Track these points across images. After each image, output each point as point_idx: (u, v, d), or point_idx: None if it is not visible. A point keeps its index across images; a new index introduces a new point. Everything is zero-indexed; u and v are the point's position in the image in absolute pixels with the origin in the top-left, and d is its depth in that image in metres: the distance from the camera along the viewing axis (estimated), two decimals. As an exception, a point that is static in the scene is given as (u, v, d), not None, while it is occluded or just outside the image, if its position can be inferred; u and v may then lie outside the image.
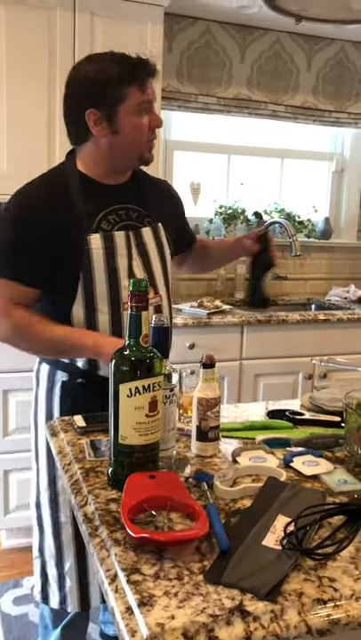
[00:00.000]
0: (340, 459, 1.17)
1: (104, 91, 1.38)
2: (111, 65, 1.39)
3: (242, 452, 1.16)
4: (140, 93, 1.40)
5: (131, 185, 1.55)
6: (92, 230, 1.42)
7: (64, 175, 1.47)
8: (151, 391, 0.98)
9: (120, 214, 1.49)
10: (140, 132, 1.43)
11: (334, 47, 3.41)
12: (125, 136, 1.42)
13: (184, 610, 0.71)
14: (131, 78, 1.38)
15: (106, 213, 1.46)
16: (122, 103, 1.38)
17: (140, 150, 1.46)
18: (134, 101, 1.39)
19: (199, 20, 3.15)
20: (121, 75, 1.37)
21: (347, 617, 0.73)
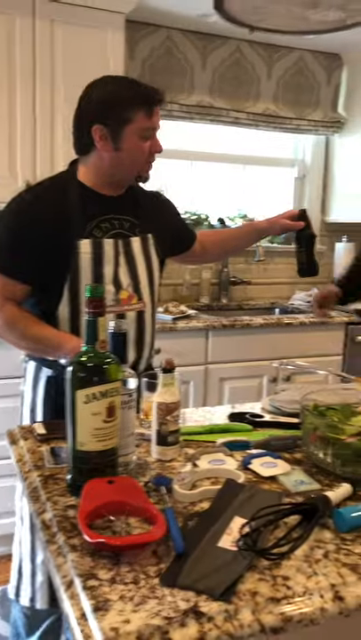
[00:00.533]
0: (298, 460, 1.19)
1: (113, 110, 1.48)
2: (124, 88, 1.51)
3: (201, 455, 1.17)
4: (147, 119, 1.50)
5: (126, 197, 1.64)
6: (83, 236, 1.52)
7: (63, 182, 1.58)
8: (108, 397, 0.98)
9: (113, 223, 1.59)
10: (140, 154, 1.53)
11: (293, 56, 3.47)
12: (127, 155, 1.52)
13: (139, 613, 0.72)
14: (140, 103, 1.48)
15: (99, 221, 1.56)
16: (128, 124, 1.48)
17: (140, 170, 1.57)
18: (140, 125, 1.49)
19: (161, 28, 3.17)
20: (132, 98, 1.48)
21: (299, 614, 0.74)
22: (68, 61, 2.70)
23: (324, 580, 0.79)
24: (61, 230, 1.50)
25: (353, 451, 1.06)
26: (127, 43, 3.00)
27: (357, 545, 0.88)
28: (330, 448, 1.09)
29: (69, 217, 1.52)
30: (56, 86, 2.69)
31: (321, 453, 1.11)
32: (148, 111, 1.49)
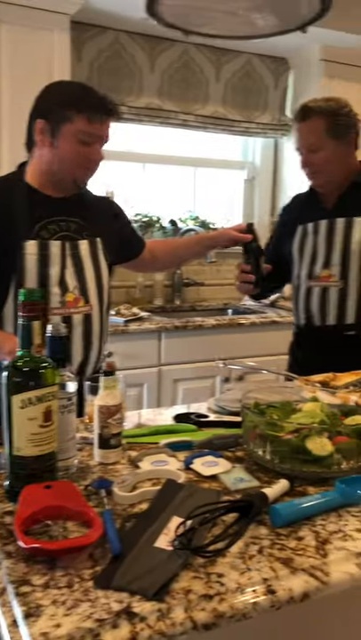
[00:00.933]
0: (239, 458, 1.20)
1: (56, 107, 1.52)
2: (74, 90, 1.57)
3: (144, 456, 1.17)
4: (87, 124, 1.52)
5: (74, 200, 1.65)
6: (29, 237, 1.53)
7: (9, 183, 1.61)
8: (45, 401, 0.98)
9: (60, 225, 1.60)
10: (74, 156, 1.54)
11: (241, 59, 3.52)
12: (60, 154, 1.54)
13: (71, 617, 0.71)
14: (84, 106, 1.51)
15: (46, 223, 1.57)
16: (67, 123, 1.51)
17: (74, 174, 1.57)
18: (79, 127, 1.51)
19: (108, 30, 3.17)
20: (77, 100, 1.51)
21: (231, 609, 0.75)
22: (13, 63, 2.67)
23: (256, 575, 0.81)
24: (6, 230, 1.51)
25: (290, 447, 1.08)
26: (74, 44, 2.99)
27: (291, 539, 0.90)
28: (268, 445, 1.11)
29: (15, 217, 1.53)
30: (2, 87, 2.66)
31: (260, 451, 1.13)
32: (91, 117, 1.51)
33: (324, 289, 1.94)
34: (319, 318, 1.97)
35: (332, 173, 1.90)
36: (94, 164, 1.58)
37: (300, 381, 1.43)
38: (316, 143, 1.86)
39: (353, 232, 1.91)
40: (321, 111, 1.85)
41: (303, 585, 0.80)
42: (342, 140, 1.88)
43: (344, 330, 1.93)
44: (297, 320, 2.09)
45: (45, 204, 1.59)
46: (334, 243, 1.92)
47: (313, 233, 1.97)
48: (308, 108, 1.87)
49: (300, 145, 1.90)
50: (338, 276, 1.91)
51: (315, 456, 1.07)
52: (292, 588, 0.79)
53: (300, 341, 2.11)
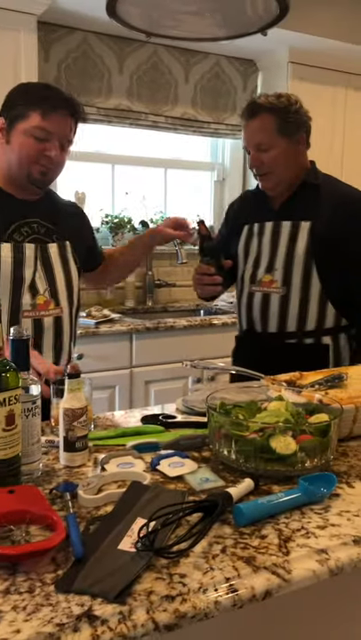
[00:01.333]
0: (205, 458, 1.21)
1: (14, 104, 1.54)
2: (35, 88, 1.57)
3: (110, 459, 1.17)
4: (40, 119, 1.51)
5: (42, 202, 1.65)
6: (3, 239, 1.53)
7: None
8: (7, 405, 0.97)
9: (32, 227, 1.60)
10: (25, 151, 1.53)
11: (210, 61, 3.54)
12: (13, 150, 1.54)
13: (31, 622, 0.71)
14: (38, 102, 1.51)
15: (19, 225, 1.56)
16: (21, 120, 1.51)
17: (28, 170, 1.55)
18: (31, 123, 1.51)
19: (76, 31, 3.16)
20: (32, 96, 1.52)
21: (193, 609, 0.76)
22: (-22, 62, 2.64)
23: (219, 574, 0.81)
24: None
25: (255, 447, 1.09)
26: (42, 45, 2.97)
27: (254, 538, 0.90)
28: (233, 445, 1.11)
29: None
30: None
31: (225, 450, 1.13)
32: (45, 113, 1.50)
33: (265, 295, 1.85)
34: (261, 325, 1.88)
35: (283, 174, 1.81)
36: (49, 162, 1.54)
37: (267, 381, 1.44)
38: (267, 142, 1.76)
39: (298, 236, 1.81)
40: (271, 108, 1.75)
41: (265, 583, 0.81)
42: (293, 138, 1.79)
43: (285, 337, 1.85)
44: (239, 324, 2.01)
45: (16, 207, 1.59)
46: (279, 247, 1.83)
47: (258, 235, 1.88)
48: (258, 105, 1.77)
49: (249, 144, 1.80)
50: (280, 282, 1.83)
51: (279, 455, 1.08)
52: (255, 586, 0.80)
53: (240, 346, 2.02)
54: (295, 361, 1.62)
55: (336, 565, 0.85)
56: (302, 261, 1.80)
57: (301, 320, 1.83)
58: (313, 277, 1.81)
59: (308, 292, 1.82)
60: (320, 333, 1.85)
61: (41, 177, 1.57)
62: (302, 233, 1.80)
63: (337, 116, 3.61)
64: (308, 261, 1.79)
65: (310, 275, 1.80)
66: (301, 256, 1.80)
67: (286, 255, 1.82)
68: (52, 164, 1.56)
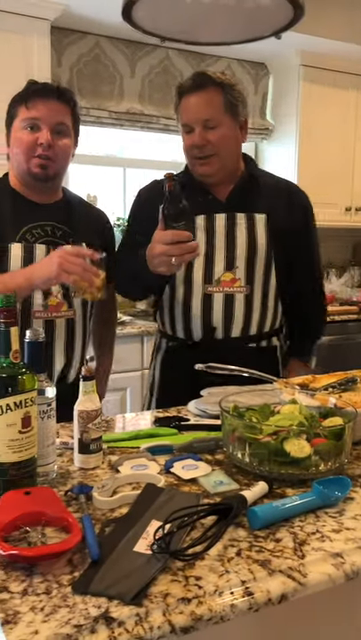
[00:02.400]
0: (219, 461, 1.21)
1: (7, 111, 1.58)
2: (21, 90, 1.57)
3: (124, 461, 1.17)
4: (26, 110, 1.52)
5: (60, 205, 1.66)
6: (14, 240, 1.53)
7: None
8: (23, 407, 0.98)
9: (46, 230, 1.60)
10: (20, 146, 1.55)
11: (221, 64, 3.55)
12: (13, 149, 1.57)
13: (49, 623, 0.71)
14: (20, 97, 1.55)
15: (32, 227, 1.57)
16: (14, 120, 1.55)
17: (28, 165, 1.55)
18: (20, 117, 1.54)
19: (88, 35, 3.18)
20: (19, 95, 1.56)
21: (209, 612, 0.76)
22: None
23: (235, 577, 0.81)
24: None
25: (269, 450, 1.09)
26: (54, 49, 2.99)
27: (269, 541, 0.90)
28: (247, 448, 1.12)
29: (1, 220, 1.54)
30: (-20, 92, 2.65)
31: (239, 453, 1.13)
32: (26, 103, 1.52)
33: (228, 296, 1.66)
34: (223, 330, 1.68)
35: (226, 159, 1.64)
36: (44, 150, 1.52)
37: (280, 384, 1.44)
38: (216, 117, 1.58)
39: (256, 230, 1.66)
40: (220, 82, 1.59)
41: (281, 586, 0.81)
42: (237, 119, 1.63)
43: (247, 342, 1.71)
44: (171, 332, 1.75)
45: (30, 209, 1.60)
46: (236, 241, 1.65)
47: (206, 228, 1.66)
48: (207, 77, 1.59)
49: (195, 120, 1.59)
50: (243, 281, 1.66)
51: (293, 458, 1.08)
52: (270, 589, 0.80)
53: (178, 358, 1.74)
54: (252, 367, 1.50)
55: (352, 569, 0.85)
56: (264, 257, 1.67)
57: (262, 321, 1.72)
58: (272, 274, 1.71)
59: (268, 289, 1.71)
60: (272, 334, 1.78)
61: (41, 170, 1.54)
62: (259, 226, 1.67)
63: (349, 118, 3.60)
64: (269, 256, 1.68)
65: (270, 271, 1.70)
66: (263, 251, 1.67)
67: (248, 250, 1.66)
68: (48, 153, 1.52)
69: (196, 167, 1.66)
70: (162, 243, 1.44)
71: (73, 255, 1.41)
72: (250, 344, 1.72)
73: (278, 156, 3.69)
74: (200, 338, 1.70)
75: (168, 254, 1.44)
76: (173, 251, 1.43)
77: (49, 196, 1.64)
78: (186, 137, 1.66)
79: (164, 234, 1.44)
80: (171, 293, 1.72)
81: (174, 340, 1.77)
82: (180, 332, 1.73)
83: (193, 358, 1.59)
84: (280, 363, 1.81)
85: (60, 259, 1.39)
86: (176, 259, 1.44)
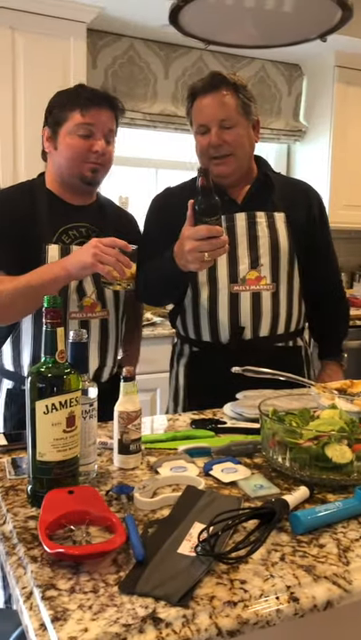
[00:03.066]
0: (258, 464, 1.21)
1: (54, 111, 1.57)
2: (68, 92, 1.59)
3: (163, 462, 1.18)
4: (80, 117, 1.54)
5: (93, 207, 1.68)
6: (51, 241, 1.55)
7: (31, 187, 1.63)
8: (68, 407, 0.99)
9: (81, 231, 1.62)
10: (73, 151, 1.56)
11: (255, 66, 3.54)
12: (62, 153, 1.57)
13: (97, 622, 0.72)
14: (74, 102, 1.55)
15: (67, 228, 1.59)
16: (63, 123, 1.55)
17: (79, 170, 1.57)
18: (73, 123, 1.54)
19: (123, 37, 3.20)
20: (69, 99, 1.56)
21: (255, 616, 0.76)
22: (29, 70, 2.70)
23: (280, 582, 0.81)
24: (29, 233, 1.54)
25: (310, 455, 1.09)
26: (89, 51, 3.01)
27: (313, 547, 0.90)
28: (288, 453, 1.11)
29: (37, 221, 1.56)
30: (17, 95, 2.69)
31: (280, 458, 1.13)
32: (83, 109, 1.53)
33: (255, 294, 1.65)
34: (251, 329, 1.66)
35: (242, 159, 1.65)
36: (98, 157, 1.56)
37: (318, 388, 1.43)
38: (231, 117, 1.60)
39: (277, 228, 1.67)
40: (234, 83, 1.62)
41: (326, 593, 0.80)
42: (250, 120, 1.65)
43: (275, 341, 1.69)
44: (201, 337, 1.72)
45: (66, 211, 1.62)
46: (259, 239, 1.66)
47: (226, 228, 1.63)
48: (221, 77, 1.62)
49: (210, 119, 1.60)
50: (269, 279, 1.66)
51: (334, 463, 1.07)
52: (316, 595, 0.80)
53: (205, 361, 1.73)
54: (280, 367, 1.50)
55: None
56: (287, 254, 1.68)
57: (288, 319, 1.70)
58: (295, 271, 1.71)
59: (293, 287, 1.71)
60: (297, 334, 1.77)
61: (92, 174, 1.58)
62: (279, 223, 1.68)
63: (384, 120, 3.56)
64: (291, 253, 1.69)
65: (293, 268, 1.70)
66: (286, 248, 1.67)
67: (271, 248, 1.66)
68: (101, 160, 1.57)
69: (213, 167, 1.64)
70: (194, 239, 1.42)
71: (107, 245, 1.43)
72: (278, 343, 1.71)
73: (311, 157, 3.67)
74: (228, 339, 1.68)
75: (200, 250, 1.42)
76: (205, 246, 1.41)
77: (85, 198, 1.66)
78: (201, 138, 1.65)
79: (197, 229, 1.42)
80: (194, 296, 1.70)
81: (199, 345, 1.75)
82: (207, 335, 1.71)
83: (221, 361, 1.58)
84: (305, 364, 1.81)
85: (95, 249, 1.42)
86: (209, 254, 1.42)
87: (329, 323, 1.90)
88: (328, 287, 1.86)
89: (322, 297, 1.84)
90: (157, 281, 1.62)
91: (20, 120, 2.70)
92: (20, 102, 2.69)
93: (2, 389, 1.62)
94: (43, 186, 1.64)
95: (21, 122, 2.70)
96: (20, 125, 2.70)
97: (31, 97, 2.67)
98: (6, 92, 2.66)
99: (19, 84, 2.68)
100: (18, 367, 1.60)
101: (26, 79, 2.69)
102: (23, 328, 1.57)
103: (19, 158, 2.72)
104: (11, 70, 2.66)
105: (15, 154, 2.71)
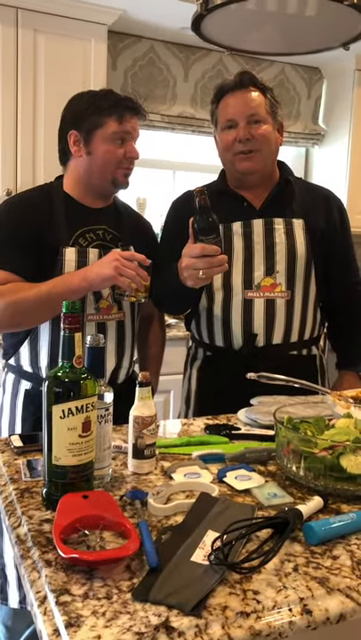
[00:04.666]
0: (271, 472, 1.21)
1: (86, 115, 1.55)
2: (99, 96, 1.58)
3: (177, 468, 1.18)
4: (117, 124, 1.55)
5: (110, 210, 1.68)
6: (68, 244, 1.56)
7: (49, 190, 1.64)
8: (84, 412, 1.00)
9: (98, 234, 1.63)
10: (110, 157, 1.57)
11: (275, 69, 3.53)
12: (97, 158, 1.57)
13: (111, 629, 0.73)
14: (111, 109, 1.55)
15: (84, 231, 1.60)
16: (99, 129, 1.54)
17: (114, 174, 1.59)
18: (110, 130, 1.55)
19: (143, 39, 3.21)
20: (104, 104, 1.55)
21: (268, 627, 0.76)
22: (50, 71, 2.72)
23: (293, 593, 0.81)
24: (47, 235, 1.54)
25: (325, 465, 1.08)
26: (110, 53, 3.03)
27: (326, 558, 0.90)
28: (302, 461, 1.11)
29: (55, 223, 1.56)
30: (38, 96, 2.71)
31: (294, 466, 1.13)
32: (119, 117, 1.55)
33: (269, 301, 1.65)
34: (265, 337, 1.66)
35: (267, 158, 1.65)
36: (131, 162, 1.60)
37: (333, 396, 1.42)
38: (259, 113, 1.61)
39: (295, 235, 1.66)
40: (262, 84, 1.64)
41: (340, 606, 0.80)
42: (276, 121, 1.66)
43: (289, 349, 1.69)
44: (214, 342, 1.72)
45: (84, 214, 1.63)
46: (275, 246, 1.65)
47: (244, 234, 1.66)
48: (250, 76, 1.64)
49: (239, 114, 1.61)
50: (284, 286, 1.65)
51: (349, 474, 1.07)
52: (329, 608, 0.80)
53: (215, 368, 1.74)
54: (292, 375, 1.49)
55: None
56: (304, 262, 1.67)
57: (302, 328, 1.70)
58: (312, 279, 1.70)
59: (308, 295, 1.70)
60: (311, 343, 1.75)
61: (124, 179, 1.61)
62: (298, 231, 1.67)
63: None
64: (309, 261, 1.68)
65: (310, 276, 1.69)
66: (303, 256, 1.66)
67: (288, 255, 1.65)
68: (133, 164, 1.61)
69: (238, 163, 1.65)
70: (189, 256, 1.45)
71: (127, 259, 1.46)
72: (291, 352, 1.70)
73: (329, 161, 3.65)
74: (240, 346, 1.67)
75: (195, 267, 1.45)
76: (199, 264, 1.44)
77: (104, 201, 1.67)
78: (227, 133, 1.65)
79: (192, 247, 1.45)
80: (208, 301, 1.70)
81: (212, 350, 1.75)
82: (220, 341, 1.71)
83: (233, 367, 1.60)
84: (319, 372, 1.79)
85: (116, 262, 1.45)
86: (203, 272, 1.45)
87: (348, 332, 1.88)
88: (348, 295, 1.84)
89: (341, 305, 1.83)
90: (166, 292, 1.65)
91: (39, 121, 2.72)
92: (40, 103, 2.71)
93: (20, 390, 1.63)
94: (60, 189, 1.64)
95: (41, 123, 2.72)
96: (39, 126, 2.72)
97: (51, 98, 2.68)
98: (28, 93, 2.68)
99: (39, 85, 2.70)
100: (36, 368, 1.61)
101: (47, 80, 2.71)
102: (41, 329, 1.58)
103: (38, 160, 2.74)
104: (32, 71, 2.68)
105: (34, 155, 2.73)
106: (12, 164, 2.71)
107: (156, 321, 1.90)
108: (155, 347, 1.91)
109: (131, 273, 1.45)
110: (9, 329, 1.60)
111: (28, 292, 1.47)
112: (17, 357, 1.64)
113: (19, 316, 1.51)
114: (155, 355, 1.93)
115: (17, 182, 2.71)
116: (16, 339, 1.63)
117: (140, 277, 1.47)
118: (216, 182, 1.78)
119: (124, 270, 1.44)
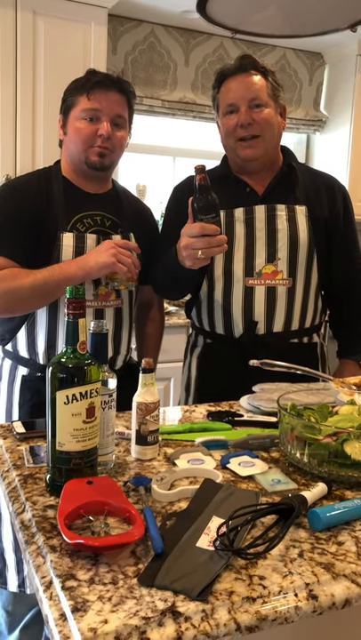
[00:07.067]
0: (275, 459, 1.21)
1: (65, 97, 1.58)
2: (79, 78, 1.57)
3: (180, 454, 1.18)
4: (87, 101, 1.53)
5: (109, 196, 1.67)
6: (66, 229, 1.54)
7: (48, 174, 1.63)
8: (88, 398, 0.99)
9: (95, 219, 1.61)
10: (79, 136, 1.55)
11: (276, 54, 3.49)
12: (70, 138, 1.57)
13: (117, 614, 0.73)
14: (80, 87, 1.54)
15: (82, 216, 1.58)
16: (72, 109, 1.55)
17: (86, 154, 1.56)
18: (80, 107, 1.54)
19: (143, 23, 3.17)
20: (76, 84, 1.56)
21: (274, 612, 0.76)
22: (49, 54, 2.68)
23: (298, 579, 0.81)
24: (44, 220, 1.53)
25: (329, 451, 1.08)
26: (110, 37, 2.99)
27: (331, 544, 0.90)
28: (306, 448, 1.11)
29: (53, 208, 1.55)
30: (37, 79, 2.68)
31: (298, 453, 1.13)
32: (90, 93, 1.52)
33: (270, 289, 1.64)
34: (265, 324, 1.65)
35: (269, 143, 1.63)
36: (103, 141, 1.54)
37: (336, 383, 1.42)
38: (261, 97, 1.59)
39: (298, 222, 1.64)
40: (263, 67, 1.60)
41: (345, 591, 0.80)
42: (278, 105, 1.64)
43: (290, 337, 1.68)
44: (215, 329, 1.71)
45: (81, 199, 1.61)
46: (277, 233, 1.63)
47: (246, 220, 1.64)
48: (252, 60, 1.60)
49: (240, 98, 1.58)
50: (286, 273, 1.64)
51: (353, 460, 1.07)
52: (334, 593, 0.80)
53: (217, 354, 1.74)
54: (293, 363, 1.48)
55: None
56: (306, 249, 1.65)
57: (303, 316, 1.69)
58: (314, 267, 1.68)
59: (310, 283, 1.69)
60: (312, 330, 1.74)
61: (99, 159, 1.55)
62: (300, 218, 1.65)
63: None
64: (311, 249, 1.66)
65: (312, 264, 1.68)
66: (305, 243, 1.64)
67: (290, 242, 1.63)
68: (108, 144, 1.54)
69: (240, 150, 1.63)
70: (188, 235, 1.43)
71: (121, 247, 1.49)
72: (292, 339, 1.70)
73: (331, 148, 3.62)
74: (241, 333, 1.67)
75: (193, 247, 1.42)
76: (198, 244, 1.42)
77: (100, 186, 1.65)
78: (229, 118, 1.63)
79: (191, 226, 1.43)
80: (209, 288, 1.69)
81: (213, 337, 1.74)
82: (220, 328, 1.70)
83: (234, 355, 1.60)
84: (320, 361, 1.79)
85: (114, 249, 1.47)
86: (202, 252, 1.42)
87: (350, 320, 1.87)
88: (350, 283, 1.83)
89: (343, 293, 1.82)
90: (165, 275, 1.64)
91: (39, 106, 2.69)
92: (39, 88, 2.68)
93: (17, 376, 1.62)
94: (59, 173, 1.63)
95: (40, 108, 2.69)
96: (39, 111, 2.69)
97: (51, 82, 2.65)
98: (27, 77, 2.65)
99: (39, 69, 2.67)
100: (33, 354, 1.60)
101: (46, 64, 2.68)
102: (38, 315, 1.57)
103: (37, 145, 2.71)
104: (31, 55, 2.64)
105: (34, 139, 2.70)
106: (11, 150, 2.69)
107: (155, 307, 1.88)
108: (153, 326, 1.89)
109: (128, 260, 1.48)
110: (4, 315, 1.59)
111: (24, 280, 1.46)
112: (14, 343, 1.63)
113: (14, 304, 1.50)
114: (153, 333, 1.89)
115: (16, 168, 2.68)
116: (12, 324, 1.61)
117: (134, 265, 1.51)
118: (218, 168, 1.77)
119: (122, 258, 1.47)
